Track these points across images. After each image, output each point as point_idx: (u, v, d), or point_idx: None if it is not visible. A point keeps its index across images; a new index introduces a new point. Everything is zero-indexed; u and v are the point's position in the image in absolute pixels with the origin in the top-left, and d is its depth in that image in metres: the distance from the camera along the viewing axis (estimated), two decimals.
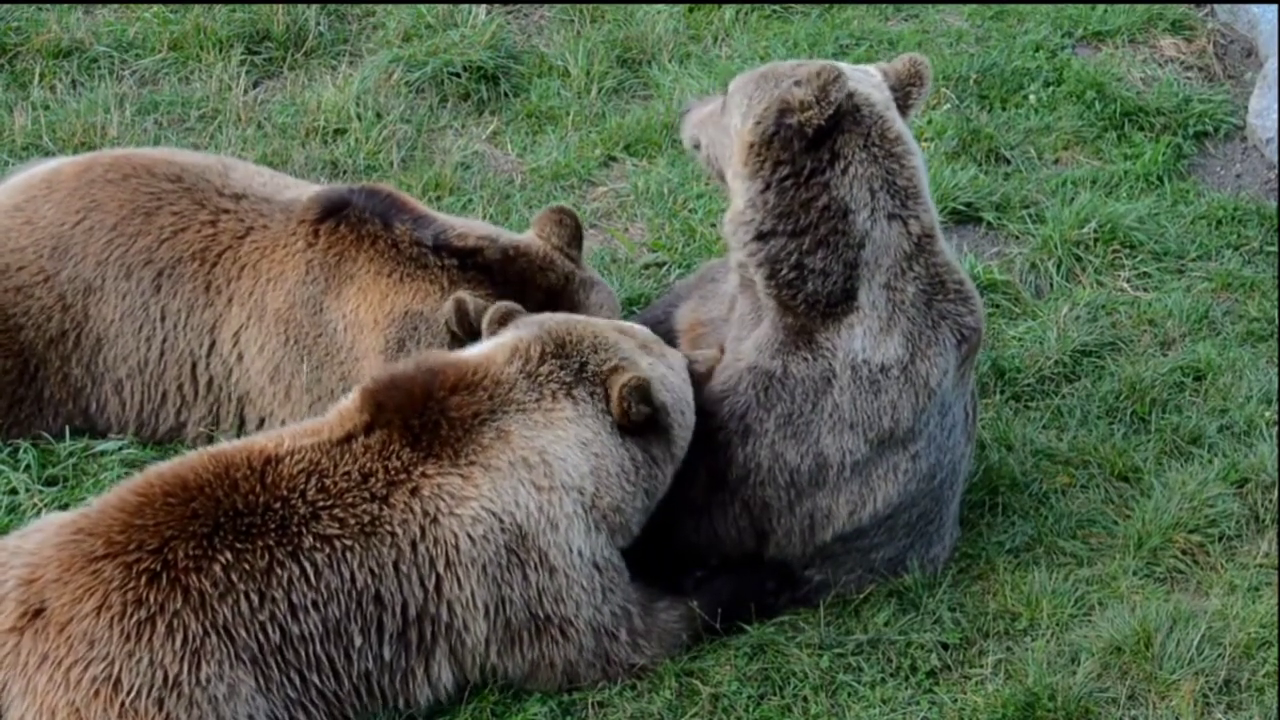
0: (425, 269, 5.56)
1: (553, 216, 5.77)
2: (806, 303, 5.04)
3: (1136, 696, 4.99)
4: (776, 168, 5.00)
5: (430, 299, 5.51)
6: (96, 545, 4.42)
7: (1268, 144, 7.61)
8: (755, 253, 5.07)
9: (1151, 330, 6.65)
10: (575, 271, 5.71)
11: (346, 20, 8.07)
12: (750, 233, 5.07)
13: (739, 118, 5.07)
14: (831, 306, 5.03)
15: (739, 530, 5.23)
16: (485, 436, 4.76)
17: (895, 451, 5.13)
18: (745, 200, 5.07)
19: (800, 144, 4.96)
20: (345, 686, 4.60)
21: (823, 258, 5.00)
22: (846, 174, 4.97)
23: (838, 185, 4.97)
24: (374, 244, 5.59)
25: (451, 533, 4.66)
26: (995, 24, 8.35)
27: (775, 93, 4.99)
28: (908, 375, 5.07)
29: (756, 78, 5.10)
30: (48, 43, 7.57)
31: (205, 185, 5.76)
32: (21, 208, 5.76)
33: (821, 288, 5.02)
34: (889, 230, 5.03)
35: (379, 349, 5.49)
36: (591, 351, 4.93)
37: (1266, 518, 5.70)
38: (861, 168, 4.98)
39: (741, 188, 5.08)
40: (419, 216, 5.67)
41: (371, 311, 5.53)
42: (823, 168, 4.97)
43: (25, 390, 5.69)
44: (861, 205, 4.99)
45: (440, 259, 5.56)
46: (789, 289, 5.05)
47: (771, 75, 5.08)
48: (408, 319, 5.49)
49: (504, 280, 5.57)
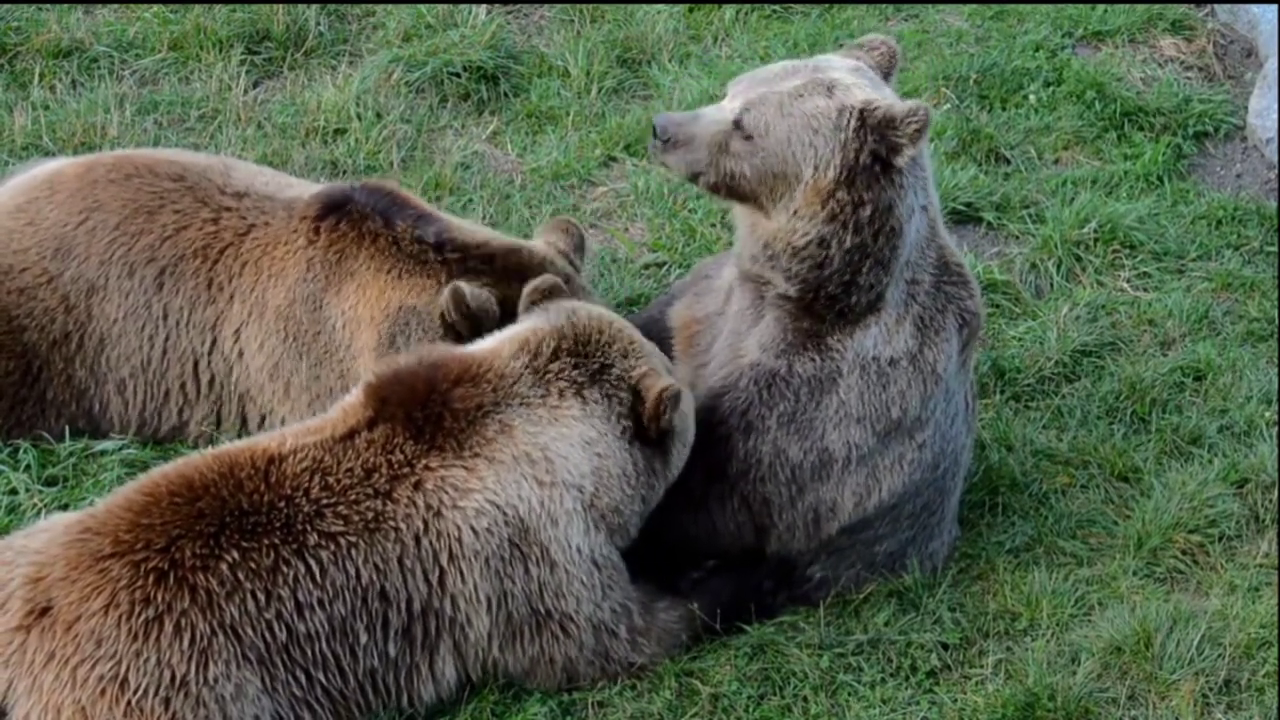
0: (424, 265, 5.54)
1: (559, 225, 5.85)
2: (838, 312, 5.02)
3: (1136, 696, 5.00)
4: (858, 209, 4.89)
5: (426, 294, 5.50)
6: (104, 544, 4.42)
7: (1268, 144, 7.62)
8: (806, 278, 5.00)
9: (1151, 330, 6.66)
10: (574, 277, 5.71)
11: (346, 20, 8.07)
12: (808, 264, 4.98)
13: (800, 162, 4.87)
14: (858, 313, 5.03)
15: (737, 525, 5.23)
16: (489, 429, 4.76)
17: (902, 441, 5.13)
18: (811, 237, 4.93)
19: (883, 180, 4.87)
20: (350, 684, 4.60)
21: (876, 275, 4.97)
22: (904, 188, 4.92)
23: (898, 204, 4.93)
24: (375, 241, 5.58)
25: (455, 525, 4.66)
26: (995, 24, 8.35)
27: (844, 135, 4.82)
28: (916, 364, 5.08)
29: (778, 111, 4.88)
30: (48, 43, 7.57)
31: (207, 184, 5.76)
32: (24, 209, 5.76)
33: (863, 299, 5.00)
34: (920, 225, 5.03)
35: (373, 345, 5.49)
36: (621, 356, 4.92)
37: (1266, 518, 5.71)
38: (911, 176, 4.94)
39: (808, 226, 4.94)
40: (421, 214, 5.67)
41: (369, 308, 5.53)
42: (893, 193, 4.90)
43: (28, 391, 5.69)
44: (910, 214, 4.97)
45: (440, 254, 5.55)
46: (828, 301, 5.01)
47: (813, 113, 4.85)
48: (401, 314, 5.48)
49: (504, 273, 5.55)
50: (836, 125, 4.84)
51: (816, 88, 4.89)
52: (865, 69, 5.05)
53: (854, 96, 4.86)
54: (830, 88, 4.88)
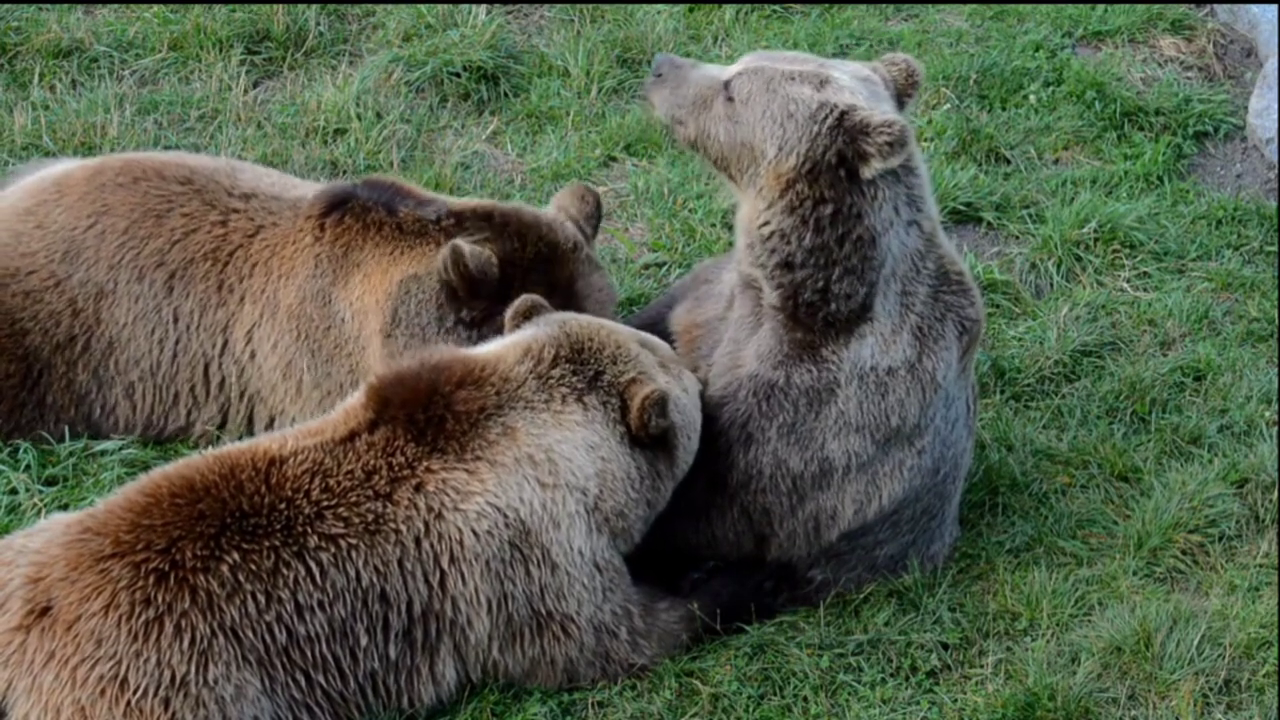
0: (423, 237, 5.54)
1: (575, 192, 5.79)
2: (824, 321, 5.01)
3: (1136, 696, 5.00)
4: (818, 206, 4.88)
5: (425, 260, 5.49)
6: (104, 544, 4.43)
7: (1268, 144, 7.62)
8: (778, 277, 5.00)
9: (1151, 330, 6.65)
10: (583, 244, 5.67)
11: (346, 20, 8.07)
12: (776, 259, 4.98)
13: (766, 140, 4.91)
14: (847, 323, 5.01)
15: (737, 534, 5.23)
16: (491, 432, 4.76)
17: (902, 448, 5.13)
18: (773, 228, 4.96)
19: (847, 183, 4.86)
20: (351, 686, 4.61)
21: (849, 284, 4.96)
22: (877, 199, 4.90)
23: (870, 214, 4.90)
24: (379, 230, 5.59)
25: (456, 528, 4.66)
26: (995, 24, 8.36)
27: (817, 128, 4.82)
28: (914, 373, 5.07)
29: (764, 85, 4.93)
30: (48, 43, 7.57)
31: (215, 186, 5.77)
32: (33, 211, 5.76)
33: (843, 308, 4.99)
34: (907, 239, 5.01)
35: (379, 327, 5.49)
36: (610, 362, 4.92)
37: (1266, 518, 5.70)
38: (889, 190, 4.92)
39: (769, 214, 4.96)
40: (423, 200, 5.67)
41: (373, 294, 5.53)
42: (861, 202, 4.89)
43: (27, 395, 5.69)
44: (888, 227, 4.94)
45: (439, 225, 5.54)
46: (808, 309, 5.01)
47: (795, 98, 4.87)
48: (401, 286, 5.48)
49: (503, 230, 5.52)
50: (813, 117, 4.84)
51: (811, 78, 4.90)
52: (875, 80, 5.04)
53: (841, 97, 4.86)
54: (824, 82, 4.89)
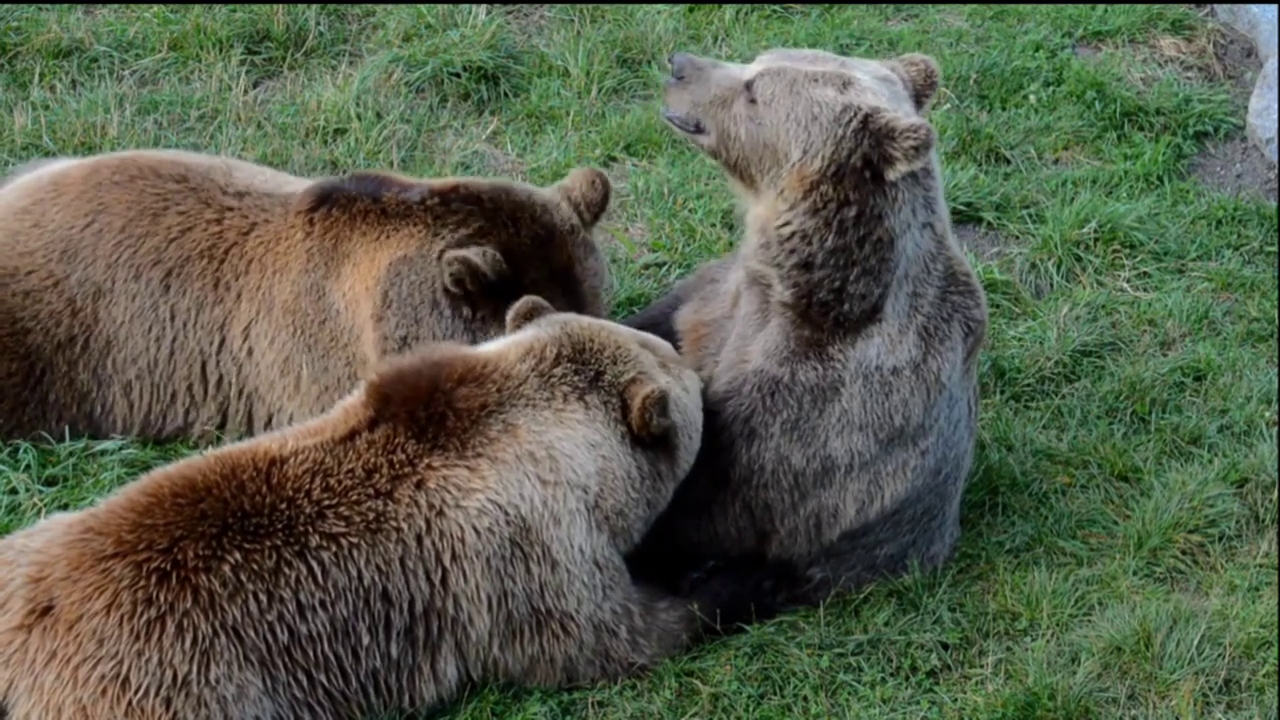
0: (407, 218, 5.53)
1: (587, 175, 5.72)
2: (834, 320, 5.02)
3: (1136, 696, 5.00)
4: (841, 208, 4.88)
5: (414, 240, 5.48)
6: (106, 544, 4.43)
7: (1268, 144, 7.62)
8: (794, 276, 5.00)
9: (1151, 330, 6.66)
10: (580, 228, 5.64)
11: (346, 20, 8.07)
12: (795, 259, 4.98)
13: (790, 143, 4.89)
14: (856, 322, 5.01)
15: (739, 530, 5.23)
16: (492, 429, 4.76)
17: (905, 449, 5.13)
18: (794, 229, 4.95)
19: (871, 185, 4.86)
20: (352, 685, 4.61)
21: (865, 285, 4.96)
22: (897, 201, 4.90)
23: (890, 216, 4.90)
24: (365, 219, 5.59)
25: (458, 525, 4.67)
26: (995, 24, 8.36)
27: (841, 131, 4.82)
28: (919, 373, 5.07)
29: (788, 87, 4.91)
30: (48, 43, 7.57)
31: (210, 184, 5.78)
32: (30, 210, 5.77)
33: (856, 308, 4.99)
34: (921, 241, 5.02)
35: (371, 312, 5.50)
36: (611, 362, 4.92)
37: (1266, 518, 5.71)
38: (908, 192, 4.92)
39: (791, 215, 4.95)
40: (406, 185, 5.67)
41: (363, 281, 5.54)
42: (883, 204, 4.89)
43: (29, 394, 5.69)
44: (905, 229, 4.95)
45: (423, 204, 5.52)
46: (820, 308, 5.01)
47: (819, 100, 4.85)
48: (390, 269, 5.48)
49: (494, 212, 5.50)
50: (837, 119, 4.83)
51: (834, 79, 4.90)
52: (895, 81, 5.04)
53: (865, 99, 4.85)
54: (847, 83, 4.89)
